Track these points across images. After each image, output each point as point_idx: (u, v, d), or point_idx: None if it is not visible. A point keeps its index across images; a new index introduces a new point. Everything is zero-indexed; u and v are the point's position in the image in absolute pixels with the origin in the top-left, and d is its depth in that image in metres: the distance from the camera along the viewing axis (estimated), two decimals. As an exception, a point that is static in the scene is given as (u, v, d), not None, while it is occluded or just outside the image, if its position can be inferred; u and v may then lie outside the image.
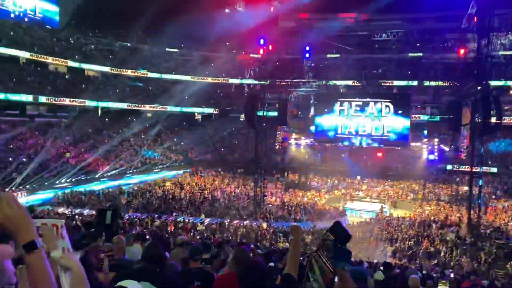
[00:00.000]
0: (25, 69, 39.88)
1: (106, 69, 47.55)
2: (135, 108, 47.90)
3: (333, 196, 35.66)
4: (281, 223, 26.99)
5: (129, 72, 49.17)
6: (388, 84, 42.49)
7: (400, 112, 34.78)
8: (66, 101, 40.51)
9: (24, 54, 39.68)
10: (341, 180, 38.92)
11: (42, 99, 38.25)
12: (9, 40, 39.01)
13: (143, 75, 50.40)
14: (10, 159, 28.65)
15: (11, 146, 30.48)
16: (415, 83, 41.93)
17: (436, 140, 35.91)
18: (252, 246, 11.16)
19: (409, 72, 44.15)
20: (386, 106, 35.05)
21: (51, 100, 39.02)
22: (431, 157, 35.02)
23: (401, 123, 34.75)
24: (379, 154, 38.20)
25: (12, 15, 42.22)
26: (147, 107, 48.57)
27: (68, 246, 2.36)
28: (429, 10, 44.40)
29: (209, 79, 52.56)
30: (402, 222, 27.43)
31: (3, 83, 35.60)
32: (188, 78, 52.07)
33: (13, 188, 25.02)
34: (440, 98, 40.25)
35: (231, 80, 53.05)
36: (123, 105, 46.97)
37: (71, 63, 44.25)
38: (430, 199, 33.71)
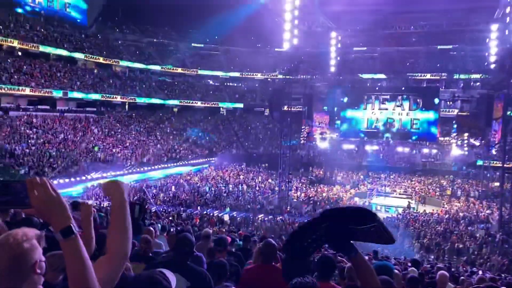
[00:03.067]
0: (55, 65, 40.90)
1: (133, 64, 48.43)
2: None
3: (358, 191, 35.25)
4: (306, 217, 26.91)
5: (156, 67, 50.01)
6: (416, 77, 41.62)
7: (428, 106, 34.04)
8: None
9: (62, 52, 41.42)
10: (367, 175, 38.43)
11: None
12: (40, 37, 40.08)
13: (168, 70, 51.08)
14: (41, 153, 29.49)
15: (42, 140, 31.33)
16: (444, 76, 40.93)
17: (466, 134, 35.01)
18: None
19: (438, 65, 43.12)
20: (414, 100, 34.37)
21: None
22: (461, 152, 34.17)
23: (430, 117, 34.02)
24: (406, 149, 37.52)
25: (42, 12, 43.33)
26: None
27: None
28: (460, 1, 43.11)
29: (234, 74, 52.73)
30: (430, 218, 26.91)
31: (35, 79, 36.63)
32: (213, 73, 52.44)
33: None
34: (471, 92, 39.17)
35: (256, 75, 53.05)
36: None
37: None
38: (459, 195, 32.91)
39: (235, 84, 53.46)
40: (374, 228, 1.80)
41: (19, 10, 41.07)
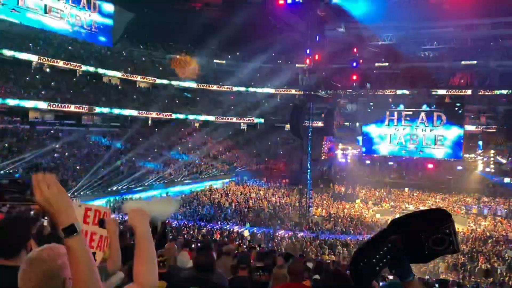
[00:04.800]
0: (80, 81, 41.97)
1: (156, 80, 49.44)
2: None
3: (381, 208, 34.63)
4: (327, 235, 26.52)
5: (178, 83, 50.89)
6: (440, 93, 41.01)
7: (452, 122, 33.45)
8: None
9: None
10: (389, 192, 37.75)
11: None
12: (67, 54, 41.37)
13: (191, 86, 51.87)
14: (66, 166, 30.10)
15: (67, 154, 31.98)
16: (469, 92, 40.23)
17: (492, 151, 34.14)
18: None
19: (462, 80, 42.45)
20: (438, 116, 33.83)
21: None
22: (487, 169, 33.29)
23: (454, 134, 33.38)
24: (430, 166, 36.78)
25: (70, 30, 44.64)
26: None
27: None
28: (484, 16, 42.54)
29: (256, 89, 53.09)
30: (456, 237, 26.14)
31: (62, 94, 37.60)
32: (234, 88, 52.92)
33: (69, 195, 26.24)
34: (496, 107, 38.32)
35: (277, 90, 53.25)
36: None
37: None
38: (486, 214, 31.97)
39: (256, 100, 53.68)
40: (449, 230, 1.67)
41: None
